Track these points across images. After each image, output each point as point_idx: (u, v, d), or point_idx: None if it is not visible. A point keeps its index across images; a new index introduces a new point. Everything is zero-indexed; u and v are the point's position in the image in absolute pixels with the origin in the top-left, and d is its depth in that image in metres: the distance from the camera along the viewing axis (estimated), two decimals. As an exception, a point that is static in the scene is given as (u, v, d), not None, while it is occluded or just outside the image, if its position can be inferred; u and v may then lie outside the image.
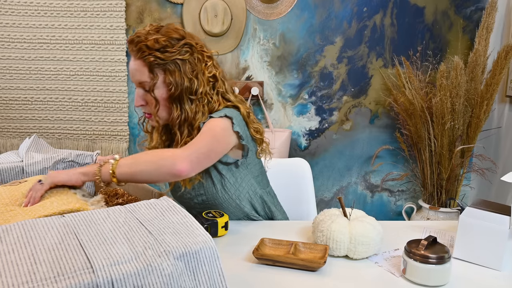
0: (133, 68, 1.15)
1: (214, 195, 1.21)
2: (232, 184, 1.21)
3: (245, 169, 1.23)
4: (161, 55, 1.10)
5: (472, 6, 2.47)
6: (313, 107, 2.57)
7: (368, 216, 1.04)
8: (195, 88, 1.13)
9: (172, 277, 0.60)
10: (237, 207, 1.23)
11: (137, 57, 1.13)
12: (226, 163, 1.19)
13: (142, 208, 0.73)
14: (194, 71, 1.14)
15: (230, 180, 1.20)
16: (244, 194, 1.23)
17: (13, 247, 0.58)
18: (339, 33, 2.49)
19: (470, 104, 2.25)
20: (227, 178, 1.20)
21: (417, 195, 2.64)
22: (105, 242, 0.61)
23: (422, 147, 2.35)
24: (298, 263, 0.91)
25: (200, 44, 1.18)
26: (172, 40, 1.12)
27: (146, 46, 1.11)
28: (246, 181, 1.24)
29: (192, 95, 1.14)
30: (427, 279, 0.85)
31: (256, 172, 1.27)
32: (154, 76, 1.12)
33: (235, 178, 1.21)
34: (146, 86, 1.14)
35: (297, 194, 1.56)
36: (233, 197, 1.21)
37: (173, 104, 1.15)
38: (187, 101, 1.14)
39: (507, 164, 2.30)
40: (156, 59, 1.10)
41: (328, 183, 2.64)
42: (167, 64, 1.11)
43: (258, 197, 1.27)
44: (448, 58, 2.48)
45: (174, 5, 2.42)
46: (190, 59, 1.13)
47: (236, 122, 1.14)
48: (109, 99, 2.44)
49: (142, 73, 1.13)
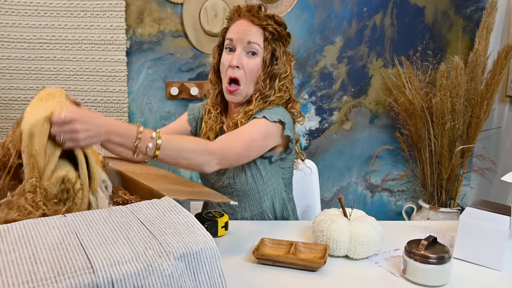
0: (246, 29, 1.17)
1: (242, 181, 1.23)
2: (262, 176, 1.23)
3: (278, 168, 1.26)
4: (280, 30, 1.17)
5: (472, 6, 2.48)
6: (313, 107, 2.57)
7: (368, 216, 1.04)
8: (285, 74, 1.21)
9: (173, 278, 0.60)
10: (258, 200, 1.25)
11: (257, 23, 1.17)
12: (262, 157, 1.22)
13: (144, 208, 0.73)
14: (288, 60, 1.23)
15: (261, 172, 1.23)
16: (270, 190, 1.26)
17: (13, 247, 0.58)
18: (339, 33, 2.49)
19: (470, 104, 2.25)
20: (260, 168, 1.23)
21: (417, 195, 2.64)
22: (105, 242, 0.61)
23: (422, 147, 2.35)
24: (298, 263, 0.91)
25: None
26: (282, 25, 1.21)
27: (269, 17, 1.19)
28: (275, 178, 1.26)
29: (281, 79, 1.21)
30: (427, 279, 0.85)
31: (287, 175, 1.30)
32: (268, 47, 1.18)
33: (266, 172, 1.24)
34: (253, 48, 1.17)
35: (304, 195, 1.58)
36: (259, 188, 1.23)
37: (268, 79, 1.20)
38: (277, 81, 1.21)
39: (507, 164, 2.30)
40: (275, 32, 1.18)
41: (328, 183, 2.64)
42: (278, 41, 1.19)
43: (281, 198, 1.29)
44: (448, 58, 2.48)
45: (174, 5, 2.42)
46: (286, 49, 1.24)
47: (288, 127, 1.18)
48: (109, 99, 2.44)
49: (257, 37, 1.18)
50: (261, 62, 1.19)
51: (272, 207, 1.27)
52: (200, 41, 2.42)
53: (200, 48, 2.44)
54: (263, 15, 1.19)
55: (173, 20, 2.45)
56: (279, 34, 1.19)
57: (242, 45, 1.18)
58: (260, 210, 1.26)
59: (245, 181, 1.23)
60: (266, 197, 1.25)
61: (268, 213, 1.27)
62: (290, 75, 1.24)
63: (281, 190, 1.29)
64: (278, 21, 1.20)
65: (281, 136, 1.19)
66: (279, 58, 1.19)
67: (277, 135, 1.18)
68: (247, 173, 1.22)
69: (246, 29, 1.17)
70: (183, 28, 2.43)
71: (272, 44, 1.19)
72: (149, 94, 2.53)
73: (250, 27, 1.18)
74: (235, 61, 1.17)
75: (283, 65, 1.21)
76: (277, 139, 1.19)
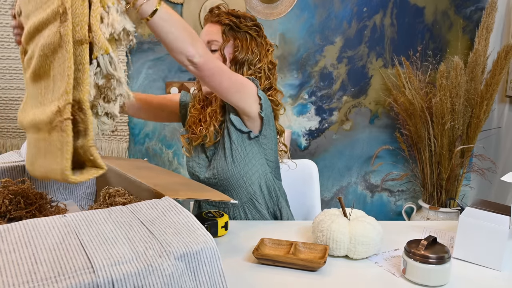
0: (207, 30, 1.29)
1: (224, 168, 1.25)
2: (243, 157, 1.25)
3: (258, 147, 1.28)
4: (236, 21, 1.27)
5: (472, 6, 2.48)
6: (313, 107, 2.57)
7: (368, 216, 1.04)
8: (255, 61, 1.28)
9: (173, 277, 0.60)
10: (244, 185, 1.26)
11: (215, 21, 1.28)
12: (240, 131, 1.24)
13: (144, 208, 0.73)
14: (258, 48, 1.30)
15: (241, 152, 1.25)
16: (253, 172, 1.27)
17: (14, 247, 0.58)
18: (339, 33, 2.49)
19: (470, 104, 2.25)
20: (238, 149, 1.25)
21: (417, 195, 2.64)
22: (106, 242, 0.61)
23: (422, 147, 2.36)
24: (298, 263, 0.91)
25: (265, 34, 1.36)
26: (247, 18, 1.30)
27: (226, 13, 1.29)
28: (257, 159, 1.27)
29: (251, 65, 1.28)
30: (427, 279, 0.85)
31: (271, 157, 1.31)
32: (226, 38, 1.27)
33: (246, 152, 1.25)
34: (213, 45, 1.26)
35: (304, 195, 1.58)
36: (242, 172, 1.25)
37: (234, 66, 1.28)
38: (245, 68, 1.28)
39: (507, 164, 2.30)
40: (231, 23, 1.27)
41: (328, 183, 2.64)
42: (239, 32, 1.28)
43: (268, 181, 1.30)
44: (448, 58, 2.49)
45: (174, 5, 2.42)
46: (257, 38, 1.30)
47: (260, 91, 1.22)
48: (109, 99, 2.44)
49: (214, 34, 1.27)
50: (219, 53, 1.27)
51: (260, 190, 1.29)
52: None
53: (200, 48, 2.44)
54: (220, 12, 1.29)
55: (173, 20, 2.45)
56: (237, 24, 1.27)
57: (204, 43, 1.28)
58: (248, 197, 1.27)
59: (226, 167, 1.24)
60: (251, 181, 1.27)
61: (257, 198, 1.28)
62: (265, 63, 1.30)
63: (267, 173, 1.30)
64: (235, 14, 1.30)
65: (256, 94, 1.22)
66: (239, 46, 1.26)
67: (252, 90, 1.21)
68: (227, 158, 1.25)
69: (206, 31, 1.29)
70: (183, 28, 2.43)
71: (232, 34, 1.27)
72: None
73: (210, 27, 1.29)
74: None
75: (249, 53, 1.27)
76: (253, 96, 1.21)
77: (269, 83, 1.32)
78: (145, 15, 0.91)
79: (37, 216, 0.91)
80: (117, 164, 1.11)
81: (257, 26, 1.31)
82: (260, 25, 1.33)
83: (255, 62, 1.29)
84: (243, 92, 1.19)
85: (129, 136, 2.54)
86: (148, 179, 0.97)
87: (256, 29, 1.31)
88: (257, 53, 1.29)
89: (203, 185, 1.12)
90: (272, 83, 1.33)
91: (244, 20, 1.30)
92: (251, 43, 1.29)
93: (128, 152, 2.56)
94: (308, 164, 1.62)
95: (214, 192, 1.03)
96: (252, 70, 1.28)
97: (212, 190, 1.07)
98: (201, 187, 1.08)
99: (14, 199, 0.92)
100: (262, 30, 1.33)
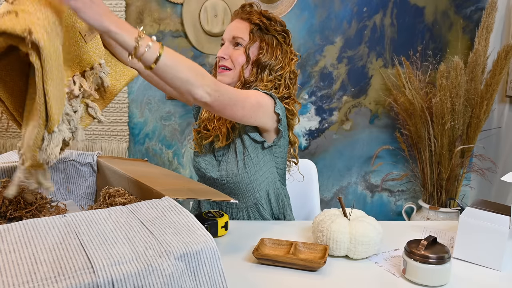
0: (235, 25, 1.27)
1: (234, 172, 1.23)
2: (254, 164, 1.23)
3: (270, 156, 1.27)
4: (267, 23, 1.25)
5: (472, 6, 2.48)
6: (313, 107, 2.57)
7: (368, 216, 1.04)
8: (277, 68, 1.26)
9: (173, 277, 0.60)
10: (252, 191, 1.24)
11: (245, 18, 1.27)
12: (254, 140, 1.23)
13: (144, 208, 0.73)
14: (282, 55, 1.28)
15: (252, 159, 1.23)
16: (263, 179, 1.26)
17: (13, 247, 0.58)
18: (339, 33, 2.49)
19: (470, 104, 2.25)
20: (251, 156, 1.23)
21: (417, 195, 2.64)
22: (106, 242, 0.61)
23: (422, 147, 2.36)
24: (298, 263, 0.91)
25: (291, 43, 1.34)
26: (277, 22, 1.29)
27: (257, 12, 1.28)
28: (268, 167, 1.26)
29: (273, 71, 1.26)
30: (427, 279, 0.85)
31: (281, 165, 1.31)
32: (253, 38, 1.25)
33: (258, 159, 1.24)
34: (238, 42, 1.25)
35: (304, 195, 1.58)
36: (252, 178, 1.23)
37: (256, 68, 1.26)
38: (267, 73, 1.25)
39: (507, 164, 2.30)
40: (261, 24, 1.25)
41: (328, 183, 2.64)
42: (267, 34, 1.26)
43: (276, 189, 1.30)
44: (448, 58, 2.49)
45: (174, 5, 2.42)
46: (283, 45, 1.28)
47: (278, 104, 1.20)
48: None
49: (242, 31, 1.25)
50: (244, 50, 1.25)
51: (267, 197, 1.28)
52: (200, 41, 2.42)
53: (200, 48, 2.44)
54: (251, 10, 1.28)
55: (173, 20, 2.45)
56: (266, 26, 1.25)
57: (229, 39, 1.28)
58: (253, 202, 1.26)
59: (237, 172, 1.23)
60: (261, 187, 1.25)
61: (262, 203, 1.27)
62: (287, 72, 1.27)
63: (276, 181, 1.29)
64: (266, 15, 1.28)
65: (273, 111, 1.19)
66: (264, 48, 1.25)
67: (269, 108, 1.19)
68: (239, 163, 1.23)
69: (234, 26, 1.27)
70: (183, 28, 2.43)
71: (259, 35, 1.26)
72: (149, 94, 2.53)
73: (238, 23, 1.27)
74: (221, 53, 1.27)
75: (273, 58, 1.25)
76: (269, 113, 1.19)
77: (288, 92, 1.28)
78: (149, 63, 0.90)
79: (37, 216, 0.91)
80: (117, 164, 1.11)
81: (285, 32, 1.29)
82: (289, 32, 1.30)
83: (277, 68, 1.26)
84: (259, 112, 1.16)
85: (129, 136, 2.54)
86: (148, 179, 0.97)
87: (284, 35, 1.29)
88: (281, 59, 1.27)
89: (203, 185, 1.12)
90: (291, 93, 1.30)
91: (275, 23, 1.27)
92: (277, 48, 1.27)
93: (128, 152, 2.56)
94: (308, 164, 1.62)
95: (214, 192, 1.03)
96: (273, 76, 1.25)
97: (212, 190, 1.07)
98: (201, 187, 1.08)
99: (14, 199, 0.92)
100: (290, 37, 1.31)
